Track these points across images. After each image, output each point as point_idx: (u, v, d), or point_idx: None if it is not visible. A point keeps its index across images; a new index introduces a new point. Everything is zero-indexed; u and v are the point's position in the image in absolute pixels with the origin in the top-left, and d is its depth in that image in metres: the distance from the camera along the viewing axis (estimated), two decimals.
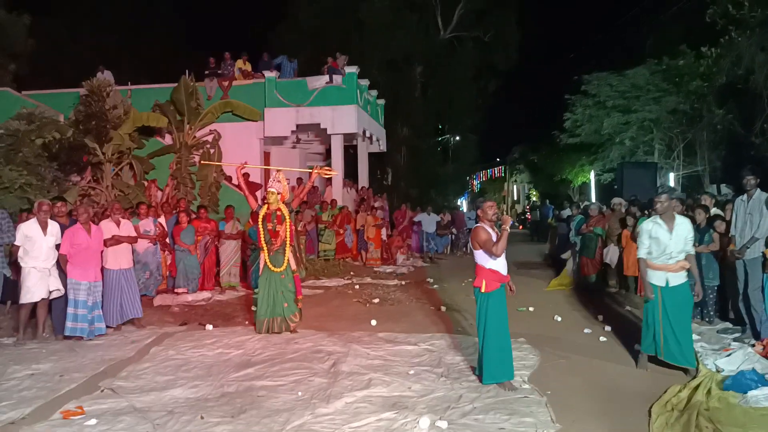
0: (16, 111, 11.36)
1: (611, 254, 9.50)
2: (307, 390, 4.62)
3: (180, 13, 28.63)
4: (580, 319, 7.49)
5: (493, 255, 4.57)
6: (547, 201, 24.57)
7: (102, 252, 6.86)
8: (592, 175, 22.56)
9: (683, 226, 5.01)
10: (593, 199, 20.73)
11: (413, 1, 23.48)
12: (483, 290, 4.66)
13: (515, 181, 43.90)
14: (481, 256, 4.70)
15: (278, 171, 6.96)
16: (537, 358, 5.49)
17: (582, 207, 11.43)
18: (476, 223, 4.90)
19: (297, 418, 4.00)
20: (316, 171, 7.12)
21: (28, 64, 17.80)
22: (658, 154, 17.25)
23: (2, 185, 8.71)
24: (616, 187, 14.91)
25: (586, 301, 8.83)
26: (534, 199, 38.40)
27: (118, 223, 7.27)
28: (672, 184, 15.95)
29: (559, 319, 7.37)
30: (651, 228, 5.07)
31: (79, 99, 12.55)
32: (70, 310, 6.38)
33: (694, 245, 5.19)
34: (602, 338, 6.35)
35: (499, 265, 4.67)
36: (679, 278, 4.99)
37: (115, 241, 7.07)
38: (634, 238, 8.64)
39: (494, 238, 4.61)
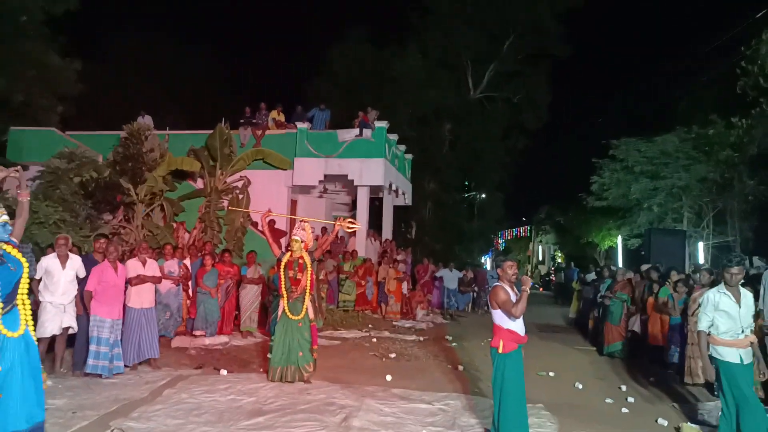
0: (58, 150, 11.87)
1: (636, 322, 9.26)
2: None
3: (221, 63, 29.97)
4: (603, 387, 7.25)
5: (512, 316, 4.52)
6: (572, 263, 24.24)
7: (125, 290, 6.98)
8: (619, 240, 22.26)
9: (748, 297, 4.66)
10: (620, 264, 20.38)
11: (446, 60, 24.19)
12: (500, 351, 4.58)
13: (541, 241, 43.58)
14: (499, 316, 4.64)
15: (302, 220, 7.07)
16: (555, 426, 5.31)
17: (611, 272, 11.25)
18: (496, 281, 4.87)
19: None
20: (339, 223, 7.20)
21: (75, 106, 18.70)
22: (687, 221, 16.99)
23: (38, 220, 9.01)
24: (643, 253, 14.67)
25: (608, 369, 8.57)
26: (559, 260, 37.94)
27: (144, 263, 7.42)
28: (701, 253, 15.60)
29: (581, 386, 7.15)
30: (718, 300, 4.64)
31: (119, 141, 13.05)
32: (92, 347, 6.45)
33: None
34: (624, 410, 6.12)
35: (518, 326, 4.60)
36: (749, 355, 4.57)
37: (140, 280, 7.20)
38: (658, 307, 8.45)
39: (513, 299, 4.57)
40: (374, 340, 10.25)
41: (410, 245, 19.29)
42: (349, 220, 7.15)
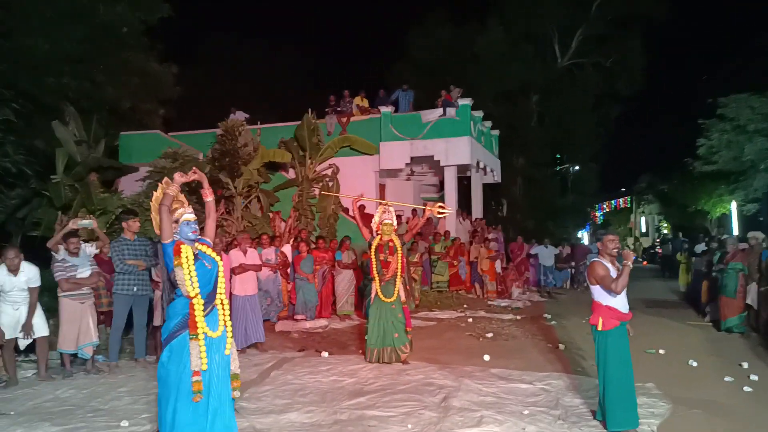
0: (163, 151, 12.74)
1: (752, 294, 8.52)
2: (417, 423, 4.58)
3: (305, 56, 30.74)
4: (720, 365, 6.74)
5: (612, 292, 4.32)
6: (680, 234, 22.65)
7: (230, 279, 7.38)
8: (732, 206, 20.55)
9: None
10: (735, 232, 18.82)
11: (529, 32, 23.27)
12: (599, 328, 4.40)
13: (643, 212, 41.17)
14: (598, 292, 4.45)
15: (387, 204, 7.07)
16: (668, 407, 5.00)
17: (720, 242, 10.42)
18: (596, 256, 4.66)
19: None
20: (429, 209, 7.13)
21: (175, 108, 19.97)
22: None
23: (149, 217, 9.72)
24: (762, 219, 13.45)
25: (726, 345, 7.96)
26: (665, 231, 35.65)
27: (245, 252, 7.83)
28: None
29: (695, 364, 6.69)
30: None
31: (216, 138, 13.78)
32: None
33: None
34: (747, 388, 5.65)
35: (619, 302, 4.39)
36: None
37: (243, 269, 7.60)
38: None
39: (614, 274, 4.35)
40: (470, 320, 10.18)
41: (501, 223, 18.90)
42: (440, 205, 7.08)
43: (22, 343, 5.99)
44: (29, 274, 5.95)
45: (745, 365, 6.56)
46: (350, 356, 7.23)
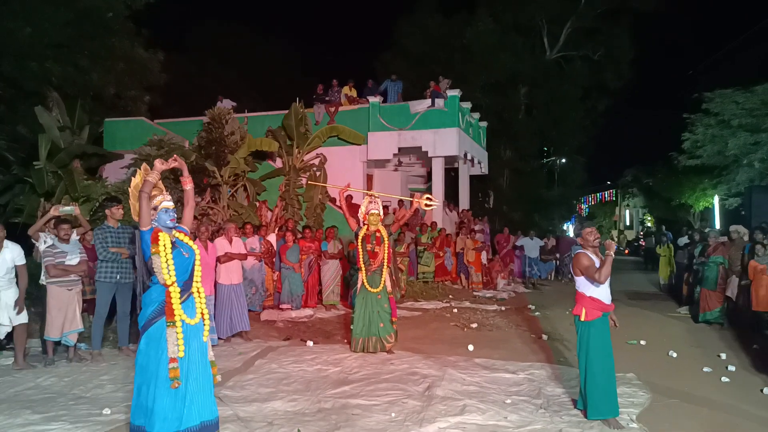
0: (148, 138, 12.59)
1: (732, 286, 8.67)
2: (401, 412, 4.62)
3: (294, 45, 30.54)
4: (699, 356, 6.87)
5: (595, 282, 4.38)
6: (663, 227, 22.94)
7: (215, 268, 7.35)
8: (715, 200, 20.78)
9: None
10: (717, 226, 19.08)
11: (518, 23, 23.28)
12: (582, 318, 4.47)
13: (627, 205, 41.56)
14: (582, 283, 4.52)
15: (373, 195, 7.06)
16: (647, 396, 5.09)
17: (702, 234, 10.57)
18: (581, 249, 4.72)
19: None
20: (416, 200, 7.14)
21: (161, 95, 19.73)
22: None
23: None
24: (743, 212, 13.63)
25: (706, 336, 8.10)
26: (648, 224, 36.05)
27: (230, 241, 7.80)
28: None
29: (675, 355, 6.81)
30: None
31: (202, 126, 13.65)
32: None
33: None
34: (725, 378, 5.77)
35: (602, 293, 4.46)
36: None
37: (228, 258, 7.57)
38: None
39: (597, 264, 4.41)
40: (455, 310, 10.25)
41: (488, 215, 18.99)
42: (427, 196, 7.09)
43: (2, 331, 5.92)
44: (14, 251, 5.87)
45: (723, 356, 6.70)
46: (335, 345, 7.25)
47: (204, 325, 3.88)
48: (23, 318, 5.97)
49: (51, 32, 13.56)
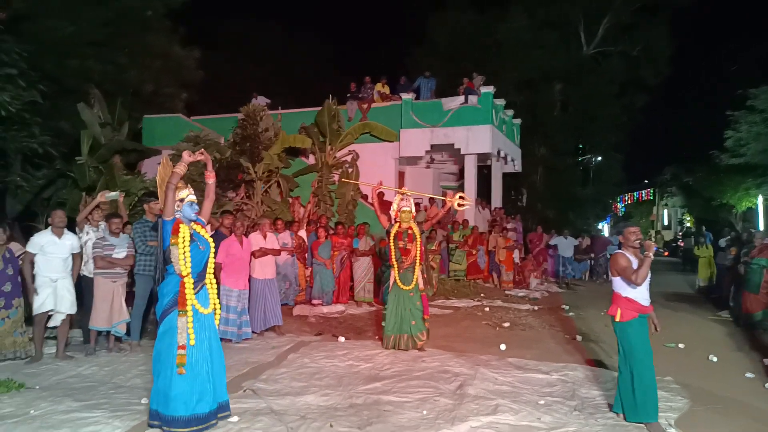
0: (185, 134, 12.84)
1: None
2: (433, 409, 4.60)
3: (326, 43, 30.67)
4: (741, 360, 6.65)
5: (632, 283, 4.29)
6: (704, 227, 22.29)
7: (249, 262, 7.46)
8: (759, 200, 20.09)
9: None
10: (761, 227, 18.45)
11: (554, 19, 22.89)
12: (617, 319, 4.38)
13: (666, 204, 40.50)
14: (618, 284, 4.44)
15: (403, 192, 7.03)
16: (686, 401, 4.95)
17: (749, 234, 10.21)
18: (618, 248, 4.63)
19: None
20: (450, 200, 7.09)
21: (197, 92, 20.10)
22: None
23: None
24: None
25: (748, 341, 7.83)
26: (688, 224, 35.08)
27: (265, 236, 7.89)
28: None
29: (715, 359, 6.60)
30: None
31: (237, 122, 13.85)
32: (222, 314, 7.01)
33: None
34: None
35: (639, 294, 4.36)
36: None
37: (262, 252, 7.67)
38: None
39: (635, 265, 4.32)
40: (487, 309, 10.16)
41: (521, 213, 18.75)
42: (460, 195, 7.03)
43: (57, 318, 6.09)
44: (73, 240, 6.20)
45: (767, 361, 6.46)
46: (367, 342, 7.27)
47: (215, 314, 4.10)
48: (74, 308, 6.17)
49: (91, 31, 13.93)
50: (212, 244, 4.12)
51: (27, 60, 10.40)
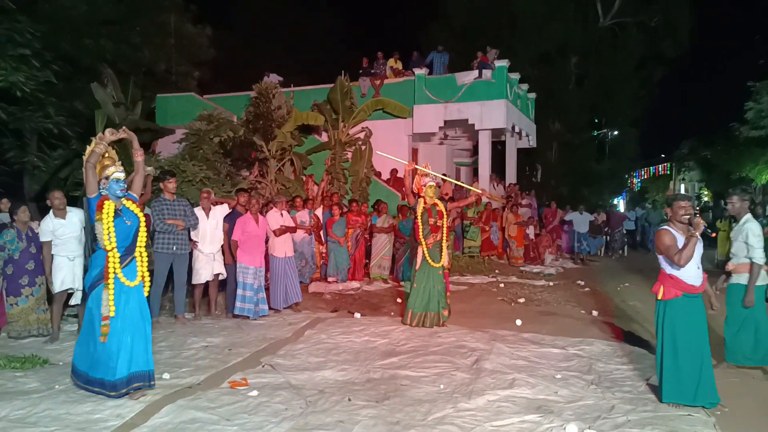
0: (198, 113, 12.85)
1: None
2: (449, 384, 4.64)
3: (339, 18, 30.37)
4: None
5: (674, 264, 4.10)
6: (722, 202, 21.96)
7: (267, 240, 7.50)
8: None
9: None
10: None
11: None
12: (659, 297, 4.24)
13: (683, 179, 39.94)
14: (663, 260, 4.25)
15: (426, 172, 6.99)
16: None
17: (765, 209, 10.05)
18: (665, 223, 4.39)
19: (438, 411, 4.04)
20: (483, 194, 7.32)
21: (210, 70, 20.06)
22: None
23: (186, 178, 9.89)
24: None
25: None
26: (706, 199, 34.61)
27: (281, 215, 7.92)
28: None
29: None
30: None
31: (250, 101, 13.81)
32: (239, 291, 7.08)
33: None
34: None
35: (685, 273, 4.13)
36: None
37: (282, 230, 7.70)
38: None
39: (680, 243, 4.12)
40: (501, 285, 10.17)
41: (536, 189, 18.62)
42: (493, 196, 7.07)
43: (78, 296, 6.16)
44: (79, 214, 6.07)
45: None
46: (382, 318, 7.32)
47: (144, 285, 4.28)
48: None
49: (105, 10, 13.91)
50: (142, 219, 4.30)
51: (40, 40, 10.43)
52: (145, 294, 4.32)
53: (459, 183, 11.69)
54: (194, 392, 4.36)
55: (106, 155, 4.32)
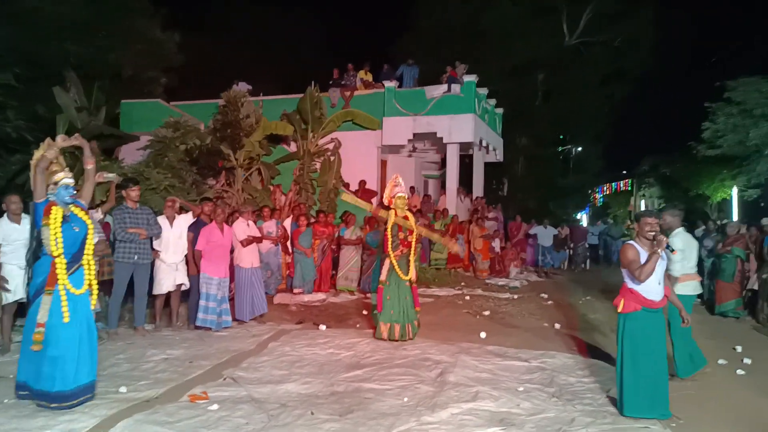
0: (164, 120, 12.64)
1: (755, 280, 8.56)
2: (413, 397, 4.64)
3: (310, 28, 30.34)
4: (714, 348, 6.76)
5: (635, 279, 4.20)
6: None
7: (233, 251, 7.40)
8: (734, 191, 20.51)
9: None
10: (734, 218, 18.84)
11: (538, 7, 22.89)
12: (620, 310, 4.34)
13: (643, 195, 41.00)
14: (626, 274, 4.35)
15: (394, 180, 7.04)
16: None
17: (717, 226, 10.41)
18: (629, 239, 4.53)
19: (402, 424, 4.04)
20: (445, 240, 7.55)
21: (177, 77, 19.76)
22: None
23: (150, 186, 9.71)
24: (763, 204, 13.41)
25: (720, 329, 8.02)
26: None
27: (248, 225, 7.83)
28: None
29: None
30: None
31: (218, 108, 13.66)
32: (201, 302, 6.95)
33: None
34: (740, 371, 5.72)
35: (645, 287, 4.23)
36: None
37: (249, 241, 7.61)
38: None
39: (643, 259, 4.21)
40: (467, 297, 10.24)
41: (502, 202, 18.88)
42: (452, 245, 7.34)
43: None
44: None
45: (739, 349, 6.63)
46: (348, 330, 7.29)
47: (91, 294, 4.23)
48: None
49: (71, 12, 13.58)
50: (91, 226, 4.25)
51: (2, 42, 10.13)
52: (92, 305, 4.25)
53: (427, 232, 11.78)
54: (152, 406, 4.26)
55: (55, 161, 4.25)
